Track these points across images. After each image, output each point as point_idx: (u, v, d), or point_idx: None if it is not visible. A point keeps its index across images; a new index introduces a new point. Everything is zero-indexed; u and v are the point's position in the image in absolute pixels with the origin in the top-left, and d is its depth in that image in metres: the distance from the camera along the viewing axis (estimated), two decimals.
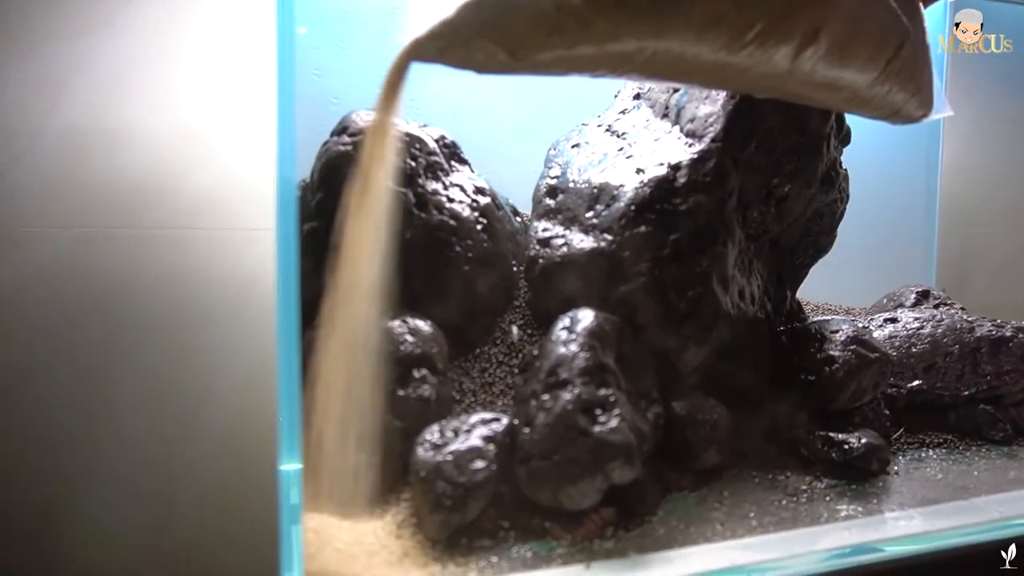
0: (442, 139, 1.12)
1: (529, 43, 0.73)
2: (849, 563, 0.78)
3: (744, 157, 1.07)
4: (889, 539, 0.83)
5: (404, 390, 0.91)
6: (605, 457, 0.82)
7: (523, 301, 1.14)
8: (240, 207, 1.10)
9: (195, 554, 1.01)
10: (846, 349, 1.13)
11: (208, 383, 1.05)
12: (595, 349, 0.91)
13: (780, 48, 0.78)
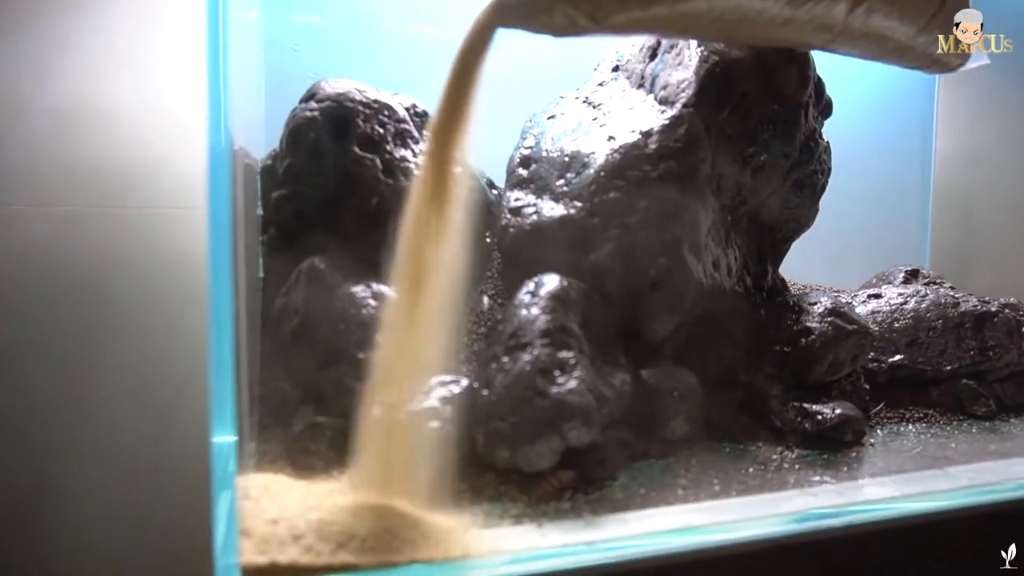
0: (413, 107, 1.11)
1: (608, 6, 0.77)
2: (809, 527, 0.76)
3: (717, 123, 1.06)
4: (852, 503, 0.81)
5: (364, 353, 0.90)
6: (562, 418, 0.80)
7: (495, 271, 1.12)
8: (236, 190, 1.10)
9: (183, 532, 1.01)
10: (823, 321, 1.11)
11: (194, 362, 1.05)
12: (557, 312, 0.90)
13: (840, 2, 0.85)
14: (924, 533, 0.80)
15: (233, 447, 0.61)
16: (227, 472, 0.60)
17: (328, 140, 1.00)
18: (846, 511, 0.80)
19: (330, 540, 0.65)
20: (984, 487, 0.86)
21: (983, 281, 1.87)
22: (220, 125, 0.60)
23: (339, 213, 1.01)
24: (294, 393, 0.94)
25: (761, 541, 0.74)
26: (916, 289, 1.28)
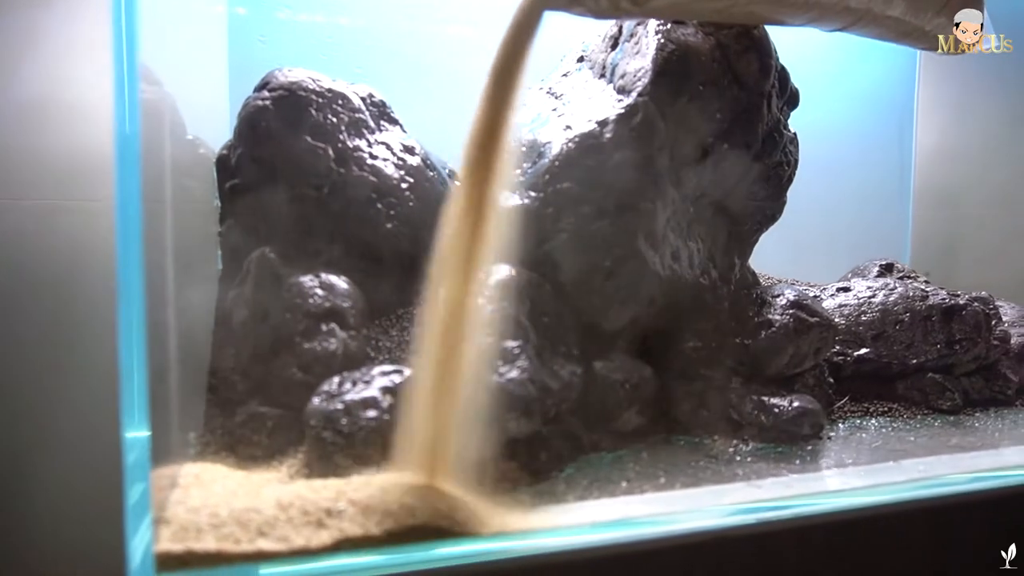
0: (370, 97, 1.10)
1: None
2: (748, 520, 0.75)
3: (675, 112, 1.05)
4: (797, 495, 0.80)
5: (310, 343, 0.89)
6: (502, 408, 0.79)
7: None
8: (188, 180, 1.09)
9: (98, 524, 1.00)
10: (785, 313, 1.10)
11: (107, 359, 1.05)
12: (503, 302, 0.88)
13: None
14: (869, 526, 0.78)
15: (147, 441, 0.60)
16: (141, 465, 0.60)
17: (280, 129, 0.99)
18: (788, 504, 0.78)
19: (250, 528, 0.64)
20: (933, 480, 0.85)
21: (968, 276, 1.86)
22: (124, 114, 0.59)
23: (292, 203, 1.00)
24: (243, 384, 0.93)
25: (700, 534, 0.73)
26: (885, 282, 1.27)
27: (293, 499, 0.68)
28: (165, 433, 0.71)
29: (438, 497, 0.70)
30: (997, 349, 1.23)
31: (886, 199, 1.86)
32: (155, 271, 0.69)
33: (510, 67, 0.81)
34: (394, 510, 0.67)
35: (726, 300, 1.18)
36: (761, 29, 1.11)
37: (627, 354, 1.03)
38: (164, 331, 0.72)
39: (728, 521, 0.75)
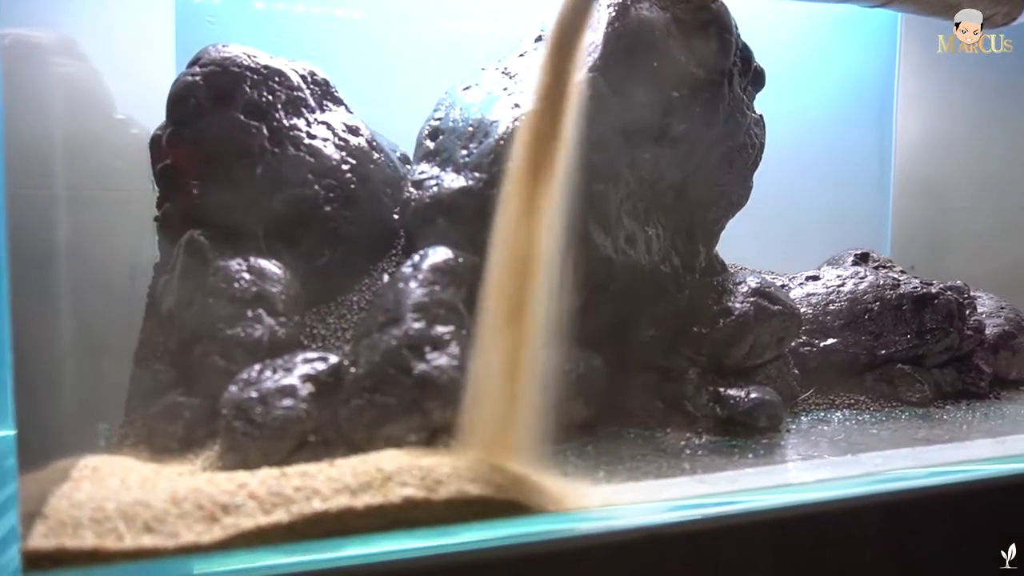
0: (311, 76, 1.06)
1: None
2: (686, 516, 0.70)
3: (627, 89, 1.00)
4: (741, 491, 0.75)
5: (233, 330, 0.84)
6: (425, 395, 0.75)
7: (400, 248, 1.07)
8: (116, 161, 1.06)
9: None
10: (746, 301, 1.05)
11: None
12: (436, 285, 0.84)
13: None
14: (816, 523, 0.73)
15: (13, 440, 0.56)
16: (5, 465, 0.55)
17: (210, 106, 0.95)
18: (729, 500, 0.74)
19: (136, 523, 0.59)
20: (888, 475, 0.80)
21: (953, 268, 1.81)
22: None
23: (223, 184, 0.95)
24: (166, 373, 0.89)
25: (632, 531, 0.68)
26: (856, 271, 1.22)
27: (189, 493, 0.63)
28: (57, 426, 0.67)
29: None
30: (971, 340, 1.18)
31: (867, 189, 1.81)
32: (39, 260, 0.65)
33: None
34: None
35: (688, 288, 1.14)
36: (720, 4, 1.07)
37: (577, 342, 0.98)
38: (50, 323, 0.67)
39: (664, 518, 0.70)
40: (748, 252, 1.56)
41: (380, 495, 0.64)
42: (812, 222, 1.78)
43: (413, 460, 0.69)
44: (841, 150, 1.81)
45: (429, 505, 0.65)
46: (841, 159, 1.81)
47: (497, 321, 0.75)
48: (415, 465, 0.68)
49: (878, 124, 1.80)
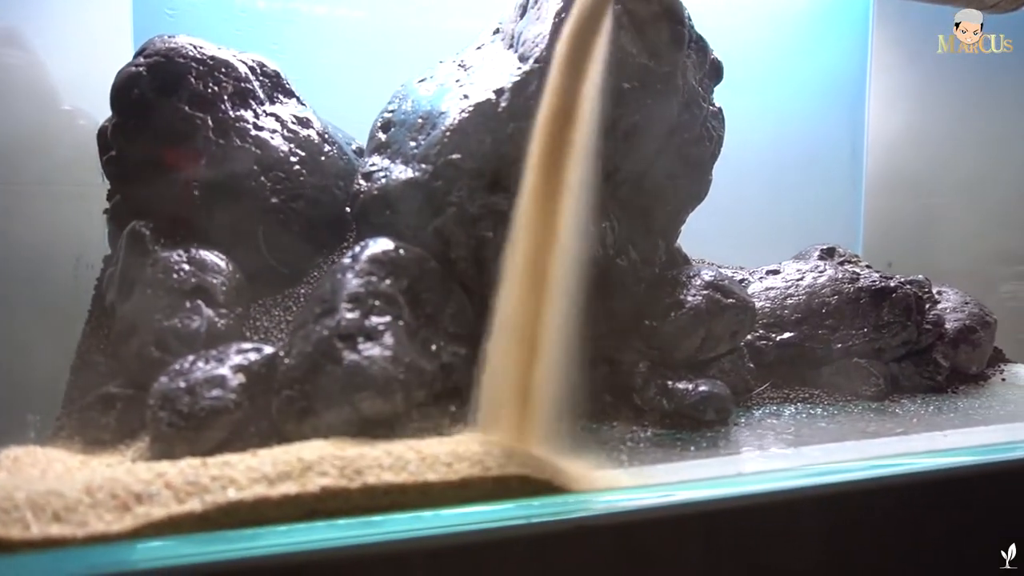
0: (260, 67, 1.05)
1: None
2: (608, 509, 0.69)
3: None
4: (673, 483, 0.75)
5: (169, 321, 0.84)
6: (354, 387, 0.74)
7: (350, 241, 1.06)
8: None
9: None
10: (698, 294, 1.05)
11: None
12: (374, 277, 0.83)
13: None
14: (747, 516, 0.73)
15: None
16: None
17: (154, 97, 0.94)
18: (661, 492, 0.73)
19: (45, 513, 0.59)
20: (825, 467, 0.80)
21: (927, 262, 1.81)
22: None
23: (168, 176, 0.95)
24: (105, 365, 0.89)
25: (556, 523, 0.67)
26: (816, 265, 1.21)
27: (104, 482, 0.63)
28: None
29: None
30: (930, 334, 1.17)
31: (839, 185, 1.81)
32: None
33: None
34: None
35: (644, 283, 1.13)
36: None
37: None
38: None
39: (591, 510, 0.70)
40: (719, 248, 1.56)
41: (297, 485, 0.64)
42: (784, 218, 1.78)
43: (337, 451, 0.69)
44: (813, 146, 1.80)
45: (347, 494, 0.65)
46: (813, 155, 1.80)
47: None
48: (337, 455, 0.67)
49: (850, 120, 1.79)
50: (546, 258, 0.81)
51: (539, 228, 0.82)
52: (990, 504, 0.81)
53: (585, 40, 0.86)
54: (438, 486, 0.67)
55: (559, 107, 0.84)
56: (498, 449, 0.71)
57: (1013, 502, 0.81)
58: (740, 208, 1.77)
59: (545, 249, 0.81)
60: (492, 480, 0.69)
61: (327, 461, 0.67)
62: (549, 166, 0.83)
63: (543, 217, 0.82)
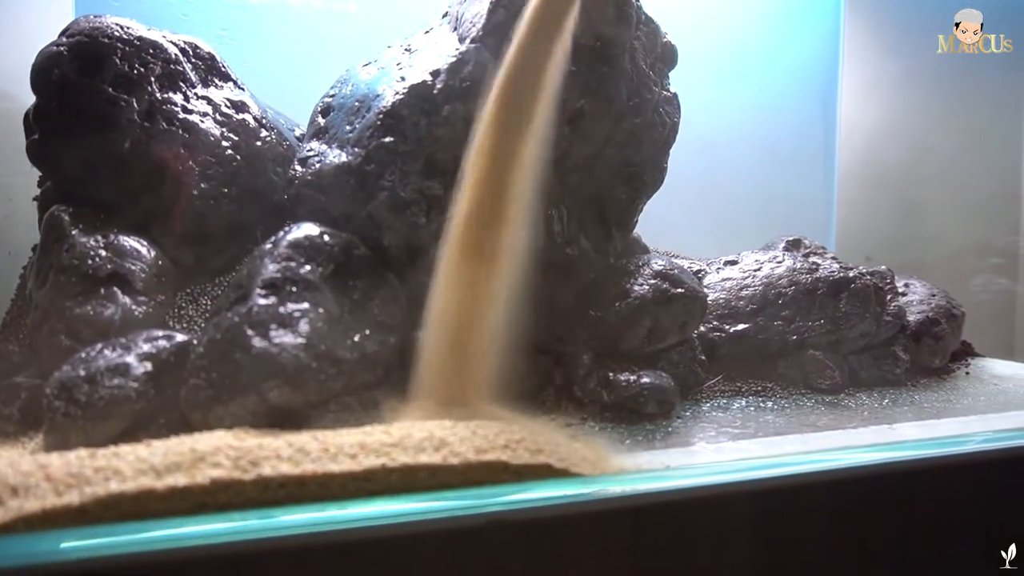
0: (193, 49, 1.02)
1: None
2: (526, 502, 0.66)
3: None
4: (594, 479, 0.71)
5: (81, 308, 0.81)
6: (262, 376, 0.71)
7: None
8: None
9: None
10: (646, 283, 1.02)
11: None
12: (292, 261, 0.80)
13: None
14: (676, 509, 0.70)
15: None
16: None
17: (76, 78, 0.91)
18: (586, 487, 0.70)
19: None
20: (759, 462, 0.76)
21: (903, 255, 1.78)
22: None
23: (91, 157, 0.92)
24: (20, 354, 0.86)
25: (468, 516, 0.64)
26: (774, 255, 1.18)
27: None
28: None
29: None
30: (890, 326, 1.14)
31: (811, 178, 1.78)
32: None
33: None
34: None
35: (595, 272, 1.10)
36: None
37: None
38: None
39: (502, 504, 0.66)
40: (688, 241, 1.53)
41: (187, 476, 0.61)
42: (755, 210, 1.74)
43: (236, 441, 0.66)
44: (785, 138, 1.77)
45: (240, 487, 0.61)
46: (785, 147, 1.77)
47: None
48: (233, 446, 0.64)
49: (822, 112, 1.76)
50: (492, 243, 0.82)
51: (485, 212, 0.83)
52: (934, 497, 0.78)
53: (549, 20, 0.85)
54: (339, 478, 0.64)
55: (513, 88, 0.84)
56: (410, 440, 0.68)
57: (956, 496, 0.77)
58: (710, 200, 1.74)
59: (491, 233, 0.82)
60: (398, 472, 0.66)
61: (222, 452, 0.63)
62: (498, 149, 0.83)
63: (489, 201, 0.83)
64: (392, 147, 0.92)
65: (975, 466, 0.78)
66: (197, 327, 0.89)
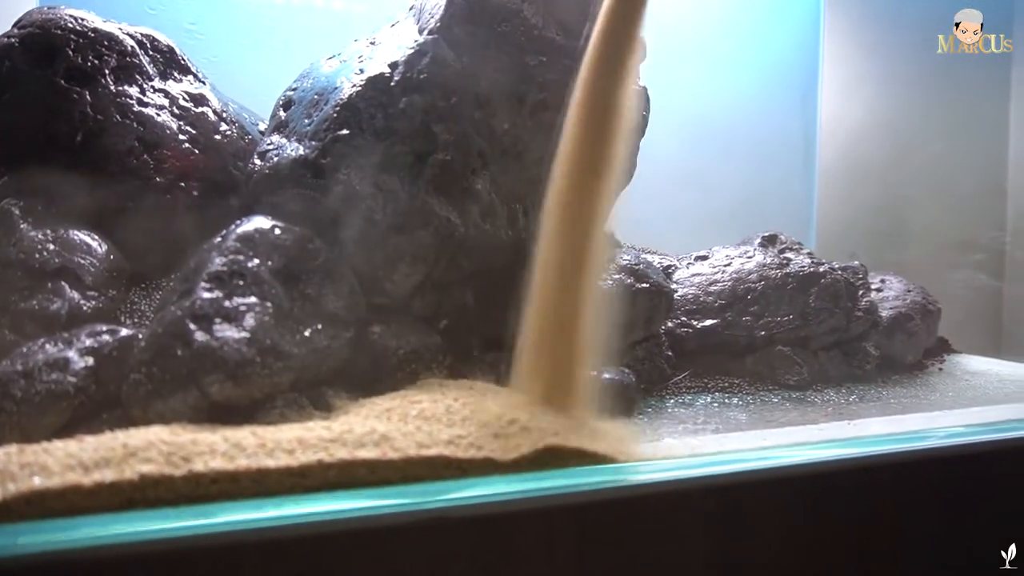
0: (151, 41, 1.01)
1: None
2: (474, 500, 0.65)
3: (473, 55, 0.95)
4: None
5: (27, 302, 0.80)
6: (202, 370, 0.70)
7: None
8: None
9: None
10: (610, 278, 1.00)
11: None
12: (241, 255, 0.79)
13: None
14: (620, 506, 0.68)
15: None
16: None
17: (27, 69, 0.90)
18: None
19: None
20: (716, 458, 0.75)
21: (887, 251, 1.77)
22: None
23: (44, 151, 0.91)
24: None
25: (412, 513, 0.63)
26: (745, 250, 1.17)
27: None
28: None
29: None
30: (861, 321, 1.12)
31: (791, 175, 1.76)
32: None
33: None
34: None
35: None
36: None
37: (417, 319, 0.93)
38: None
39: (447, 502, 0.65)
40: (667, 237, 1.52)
41: (115, 472, 0.59)
42: (735, 207, 1.73)
43: (171, 436, 0.64)
44: (765, 135, 1.76)
45: (170, 482, 0.60)
46: (765, 144, 1.76)
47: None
48: (167, 441, 0.63)
49: (802, 109, 1.75)
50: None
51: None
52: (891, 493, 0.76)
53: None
54: (275, 474, 0.63)
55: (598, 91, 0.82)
56: (350, 435, 0.67)
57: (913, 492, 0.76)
58: (690, 197, 1.72)
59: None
60: (336, 467, 0.64)
61: (155, 447, 0.62)
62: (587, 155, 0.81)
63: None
64: (348, 140, 0.91)
65: (933, 462, 0.76)
66: (149, 322, 0.88)
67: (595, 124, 0.81)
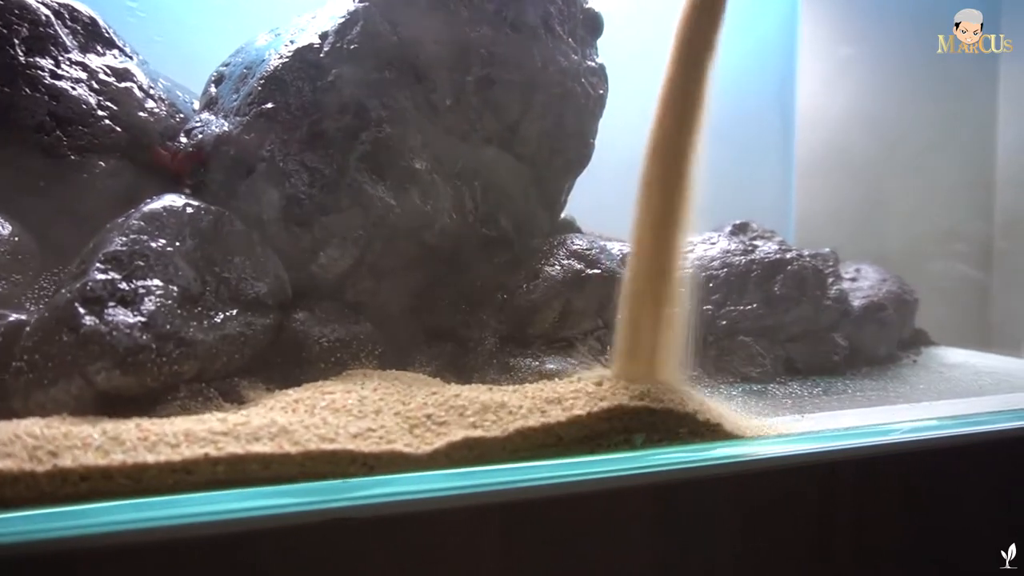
0: (70, 12, 0.94)
1: None
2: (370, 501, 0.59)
3: (410, 27, 0.89)
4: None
5: None
6: (88, 357, 0.64)
7: None
8: None
9: None
10: (559, 264, 0.94)
11: None
12: (144, 235, 0.73)
13: None
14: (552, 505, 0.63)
15: None
16: None
17: None
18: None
19: None
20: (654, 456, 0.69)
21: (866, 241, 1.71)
22: None
23: None
24: None
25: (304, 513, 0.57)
26: (709, 236, 1.11)
27: None
28: None
29: None
30: (830, 311, 1.06)
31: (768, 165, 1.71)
32: None
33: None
34: None
35: (510, 253, 1.02)
36: None
37: (347, 306, 0.87)
38: None
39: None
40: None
41: None
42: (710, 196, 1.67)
43: (43, 429, 0.58)
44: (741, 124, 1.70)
45: (32, 479, 0.54)
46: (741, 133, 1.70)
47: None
48: (35, 434, 0.57)
49: (779, 100, 1.69)
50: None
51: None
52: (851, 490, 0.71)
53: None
54: (154, 470, 0.57)
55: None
56: (245, 428, 0.61)
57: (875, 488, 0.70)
58: None
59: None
60: (224, 462, 0.58)
61: (19, 441, 0.56)
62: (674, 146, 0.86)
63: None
64: (272, 115, 0.85)
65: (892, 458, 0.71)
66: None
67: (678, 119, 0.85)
